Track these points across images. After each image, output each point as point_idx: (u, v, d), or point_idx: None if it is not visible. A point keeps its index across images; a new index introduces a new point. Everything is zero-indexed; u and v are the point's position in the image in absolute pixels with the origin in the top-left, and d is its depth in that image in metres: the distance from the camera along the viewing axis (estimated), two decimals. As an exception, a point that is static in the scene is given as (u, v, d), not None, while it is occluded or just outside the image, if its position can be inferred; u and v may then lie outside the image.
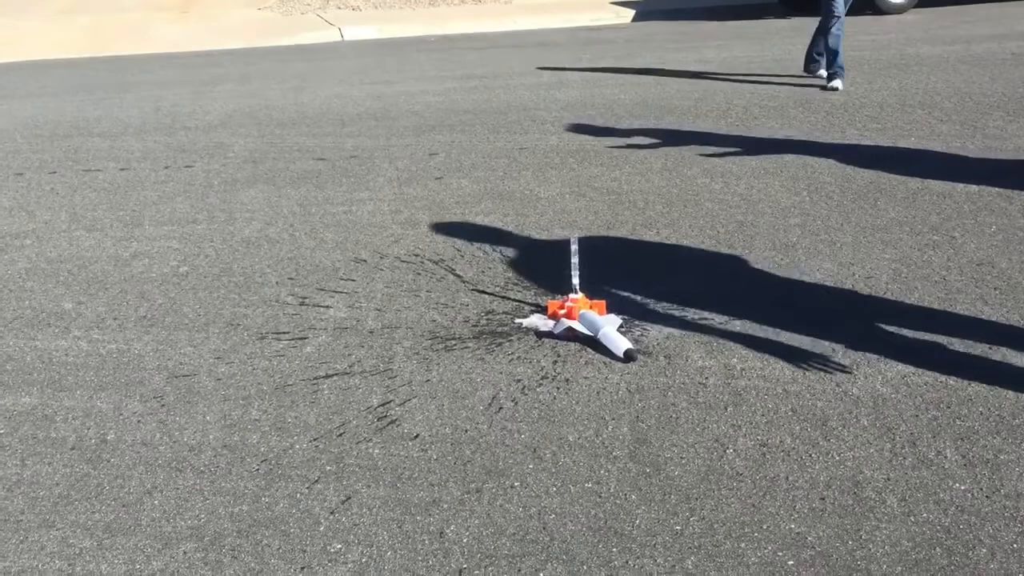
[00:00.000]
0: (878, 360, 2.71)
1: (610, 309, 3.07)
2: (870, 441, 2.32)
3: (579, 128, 5.71)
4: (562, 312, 3.05)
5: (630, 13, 11.52)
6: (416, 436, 2.45)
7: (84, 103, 7.48)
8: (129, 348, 3.05)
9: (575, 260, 3.05)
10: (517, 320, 3.08)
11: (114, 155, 5.71)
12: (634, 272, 3.47)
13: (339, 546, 2.05)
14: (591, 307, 3.05)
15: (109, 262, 3.85)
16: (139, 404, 2.69)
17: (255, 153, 5.57)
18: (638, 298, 3.23)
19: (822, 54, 6.59)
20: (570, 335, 2.94)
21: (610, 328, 2.88)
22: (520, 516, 2.12)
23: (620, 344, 2.80)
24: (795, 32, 9.01)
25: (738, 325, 2.98)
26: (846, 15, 6.37)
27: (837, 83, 6.34)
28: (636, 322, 3.04)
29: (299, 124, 6.28)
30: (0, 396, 2.78)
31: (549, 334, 2.97)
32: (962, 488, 2.14)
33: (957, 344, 2.78)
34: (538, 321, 3.06)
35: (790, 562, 1.93)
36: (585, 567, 1.94)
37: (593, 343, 2.88)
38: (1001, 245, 3.55)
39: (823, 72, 6.59)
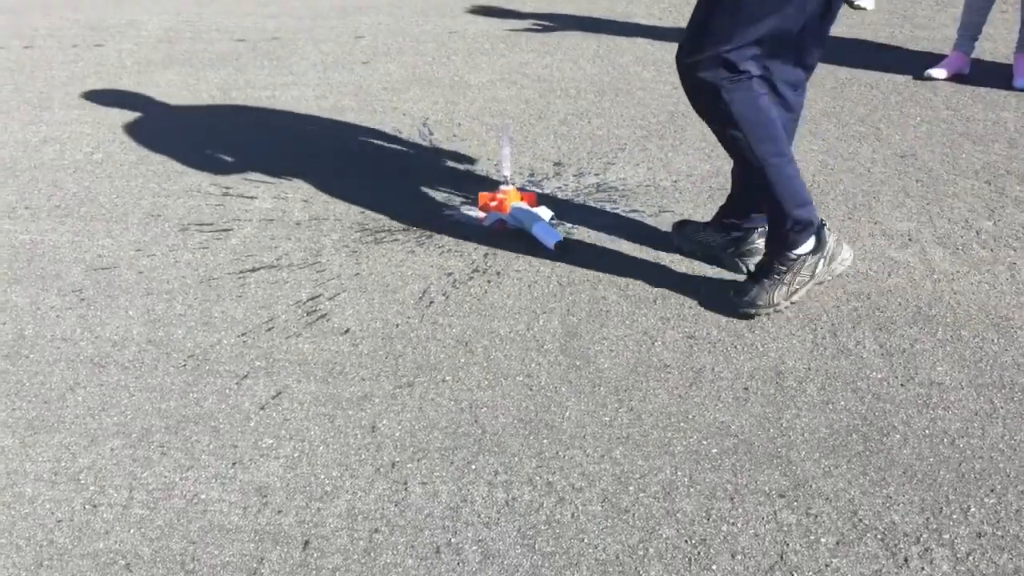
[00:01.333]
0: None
1: (541, 201, 3.05)
2: (793, 332, 2.38)
3: (510, 11, 5.55)
4: (493, 204, 3.02)
5: None
6: (347, 331, 2.43)
7: (-19, -26, 6.99)
8: (43, 239, 2.94)
9: (507, 151, 3.00)
10: (447, 211, 3.05)
11: (18, 31, 5.38)
12: (566, 163, 3.43)
13: (270, 441, 2.05)
14: (522, 199, 3.02)
15: (17, 147, 3.67)
16: (57, 298, 2.61)
17: (170, 32, 5.30)
18: (569, 190, 3.21)
19: None
20: (500, 227, 2.92)
21: (541, 220, 2.87)
22: (452, 410, 2.13)
23: (551, 237, 2.79)
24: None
25: (668, 217, 2.99)
26: None
27: None
28: (567, 214, 3.03)
29: (216, 1, 5.98)
30: (-93, 290, 2.67)
31: (479, 226, 2.94)
32: (879, 377, 2.21)
33: (879, 235, 2.84)
34: (469, 212, 3.02)
35: (714, 450, 1.99)
36: (516, 459, 1.98)
37: (524, 235, 2.86)
38: (924, 137, 3.60)
39: None
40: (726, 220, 2.67)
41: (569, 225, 2.95)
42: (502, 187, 3.03)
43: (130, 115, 3.96)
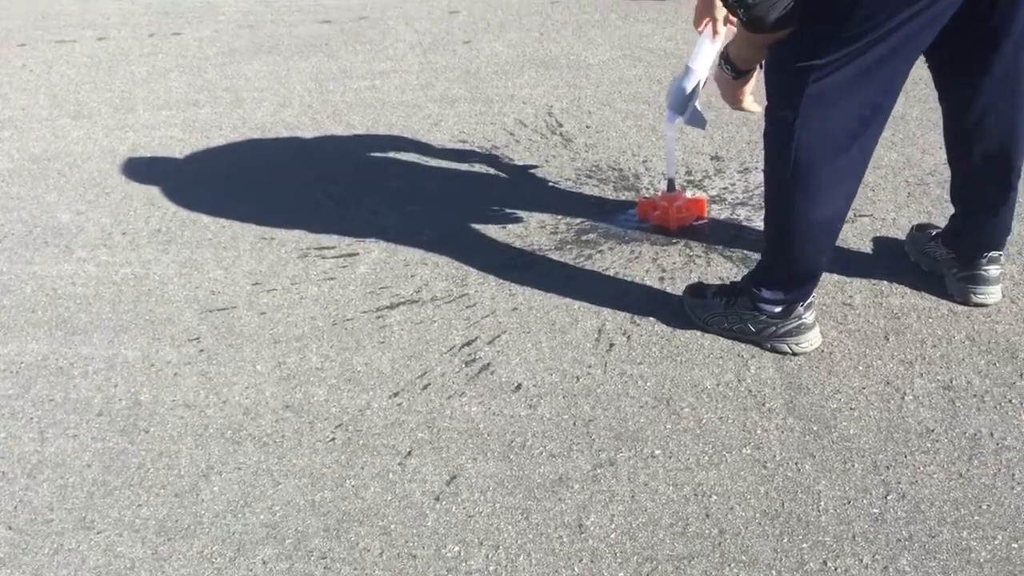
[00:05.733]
0: (1052, 266, 2.27)
1: (712, 205, 2.61)
2: (1078, 378, 1.92)
3: (615, -25, 5.04)
4: (656, 213, 2.59)
5: None
6: (518, 387, 2.02)
7: (45, -40, 6.66)
8: (147, 272, 2.58)
9: (672, 145, 2.54)
10: (602, 224, 2.60)
11: (88, 21, 5.03)
12: (725, 157, 2.97)
13: (456, 548, 1.65)
14: (687, 207, 2.59)
15: (105, 158, 3.31)
16: (172, 350, 2.24)
17: (250, 16, 4.90)
18: (739, 190, 2.75)
19: None
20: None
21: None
22: (673, 499, 1.72)
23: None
24: None
25: (866, 223, 2.52)
26: None
27: None
28: (743, 222, 2.58)
29: (294, -21, 5.56)
30: (1, 342, 2.32)
31: (643, 240, 2.50)
32: None
33: None
34: (628, 224, 2.59)
35: (1032, 558, 1.54)
36: (775, 572, 1.56)
37: (705, 246, 2.42)
38: None
39: None
40: (953, 236, 2.19)
41: (752, 237, 2.49)
42: (665, 191, 2.60)
43: (222, 115, 3.58)
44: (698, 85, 2.33)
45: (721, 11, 2.17)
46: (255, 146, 3.31)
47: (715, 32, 2.22)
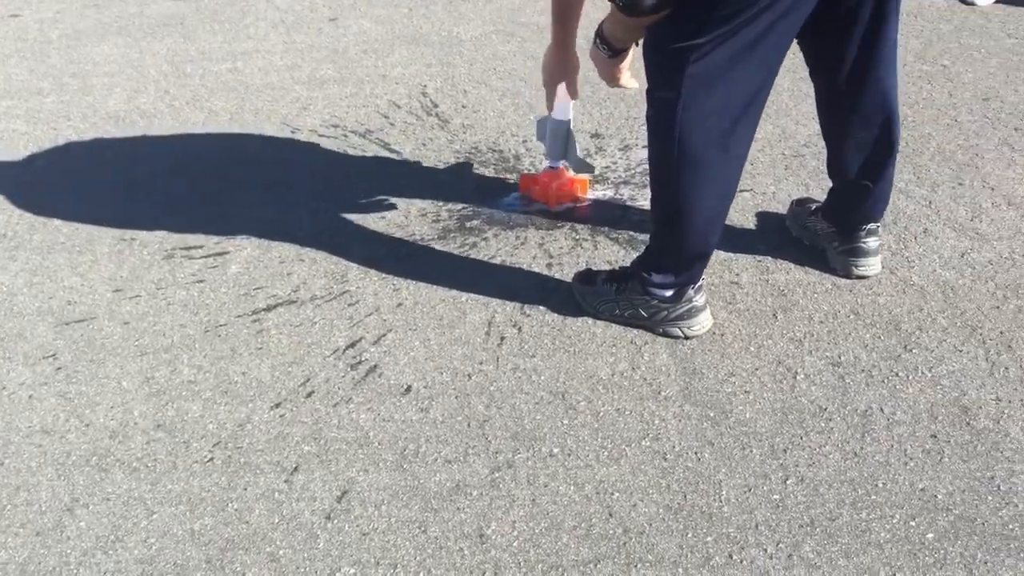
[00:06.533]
0: (926, 235, 2.32)
1: (594, 184, 2.57)
2: (958, 347, 1.96)
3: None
4: (536, 188, 2.54)
5: None
6: (407, 389, 1.93)
7: None
8: (-7, 284, 2.36)
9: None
10: (485, 207, 2.53)
11: (-87, 4, 4.60)
12: (605, 134, 2.93)
13: (351, 571, 1.56)
14: (569, 185, 2.54)
15: (-62, 157, 3.02)
16: (26, 370, 2.05)
17: (96, -6, 4.57)
18: (620, 168, 2.72)
19: None
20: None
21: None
22: (575, 499, 1.66)
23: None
24: None
25: (747, 198, 2.52)
26: None
27: None
28: (627, 202, 2.55)
29: (143, -46, 5.23)
30: None
31: (528, 224, 2.44)
32: (1078, 402, 1.80)
33: (1003, 205, 2.41)
34: (511, 205, 2.53)
35: (929, 534, 1.56)
36: (681, 570, 1.52)
37: (592, 232, 2.38)
38: (998, 72, 3.17)
39: None
40: (832, 210, 2.21)
41: (636, 218, 2.46)
42: (548, 166, 2.54)
43: (70, 104, 3.32)
44: (570, 132, 2.38)
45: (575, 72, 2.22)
46: (108, 137, 3.08)
47: (573, 97, 2.27)
